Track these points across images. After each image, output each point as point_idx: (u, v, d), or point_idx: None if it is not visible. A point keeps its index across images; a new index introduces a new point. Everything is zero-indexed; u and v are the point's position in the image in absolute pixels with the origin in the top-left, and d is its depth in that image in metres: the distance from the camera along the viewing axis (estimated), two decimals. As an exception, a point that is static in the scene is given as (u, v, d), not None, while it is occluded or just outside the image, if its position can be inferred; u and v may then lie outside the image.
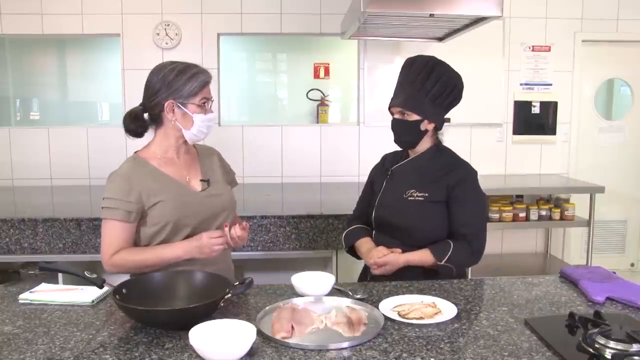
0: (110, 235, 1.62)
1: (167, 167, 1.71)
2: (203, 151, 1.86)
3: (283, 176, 3.96)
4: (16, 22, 3.76)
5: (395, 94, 1.86)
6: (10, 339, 1.26)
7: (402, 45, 3.89)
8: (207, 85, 1.68)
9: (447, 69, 1.84)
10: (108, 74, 4.22)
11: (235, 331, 1.21)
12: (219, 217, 1.74)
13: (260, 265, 2.99)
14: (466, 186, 1.84)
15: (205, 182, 1.75)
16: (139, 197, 1.63)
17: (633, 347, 1.11)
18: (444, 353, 1.18)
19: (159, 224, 1.64)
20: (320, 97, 4.24)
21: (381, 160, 2.07)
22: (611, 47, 4.10)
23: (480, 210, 1.89)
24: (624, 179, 4.17)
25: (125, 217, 1.61)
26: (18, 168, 3.86)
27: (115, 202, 1.61)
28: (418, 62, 1.84)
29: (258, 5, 3.83)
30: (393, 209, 1.89)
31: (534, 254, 4.11)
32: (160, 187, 1.66)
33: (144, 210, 1.64)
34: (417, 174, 1.88)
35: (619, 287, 1.55)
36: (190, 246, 1.63)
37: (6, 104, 4.42)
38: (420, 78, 1.80)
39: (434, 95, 1.81)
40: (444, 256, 1.76)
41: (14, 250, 2.66)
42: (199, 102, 1.66)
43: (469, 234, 1.80)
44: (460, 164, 1.90)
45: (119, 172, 1.68)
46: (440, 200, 1.83)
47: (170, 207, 1.65)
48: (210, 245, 1.62)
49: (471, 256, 1.81)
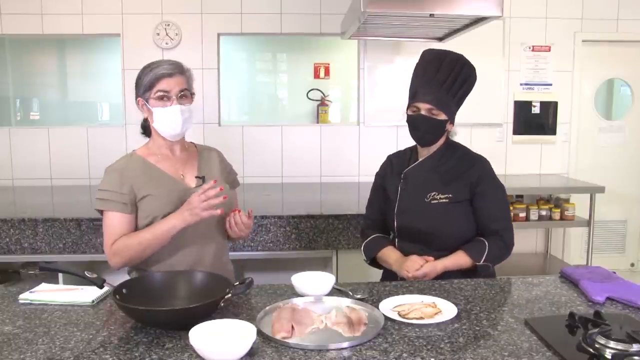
0: (110, 227, 1.66)
1: (162, 163, 1.74)
2: (203, 150, 1.87)
3: (283, 176, 3.95)
4: (16, 22, 3.76)
5: (424, 90, 1.81)
6: (10, 339, 1.26)
7: (402, 45, 3.89)
8: (163, 77, 1.66)
9: (472, 71, 1.83)
10: (108, 74, 4.22)
11: (235, 331, 1.21)
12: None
13: (260, 265, 2.99)
14: (488, 180, 1.83)
15: (200, 178, 1.75)
16: (131, 189, 1.66)
17: (633, 347, 1.11)
18: (444, 353, 1.18)
19: (148, 217, 1.65)
20: (320, 97, 4.24)
21: (387, 163, 2.01)
22: (611, 47, 4.10)
23: (504, 202, 1.87)
24: (624, 179, 4.17)
25: (122, 208, 1.64)
26: (18, 168, 3.86)
27: (110, 194, 1.65)
28: (448, 60, 1.81)
29: (258, 5, 3.83)
30: (415, 214, 1.84)
31: (534, 254, 4.11)
32: (151, 181, 1.68)
33: (135, 202, 1.66)
34: (435, 174, 1.84)
35: (619, 287, 1.55)
36: (182, 211, 1.62)
37: (6, 104, 4.41)
38: (450, 79, 1.79)
39: (459, 97, 1.82)
40: (482, 256, 1.76)
41: (14, 250, 2.66)
42: (155, 95, 1.66)
43: (500, 229, 1.80)
44: (477, 159, 1.88)
45: (113, 166, 1.73)
46: (464, 199, 1.81)
47: (159, 201, 1.66)
48: (200, 202, 1.58)
49: (506, 250, 1.82)
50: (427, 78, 1.82)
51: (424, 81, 1.82)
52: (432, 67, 1.82)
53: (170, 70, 1.67)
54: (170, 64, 1.69)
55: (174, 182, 1.72)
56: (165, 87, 1.67)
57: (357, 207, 3.00)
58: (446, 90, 1.79)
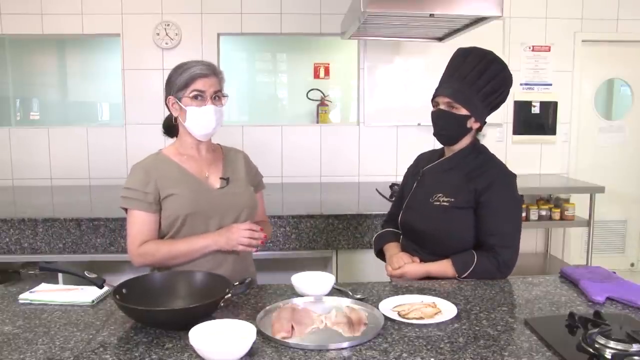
0: (135, 226, 1.66)
1: (188, 163, 1.74)
2: (229, 152, 1.88)
3: (283, 176, 3.96)
4: (16, 22, 3.76)
5: (443, 84, 1.75)
6: (10, 339, 1.26)
7: (402, 45, 3.89)
8: (198, 77, 1.67)
9: (503, 67, 1.74)
10: (108, 74, 4.23)
11: (235, 331, 1.21)
12: (235, 216, 1.73)
13: (260, 265, 2.99)
14: (497, 191, 1.70)
15: (225, 180, 1.76)
16: (155, 187, 1.66)
17: (633, 347, 1.11)
18: (444, 353, 1.18)
19: (171, 216, 1.66)
20: (320, 97, 4.24)
21: (415, 160, 1.99)
22: (611, 47, 4.10)
23: (512, 219, 1.73)
24: (624, 179, 4.17)
25: (147, 207, 1.65)
26: (18, 168, 3.86)
27: (135, 193, 1.65)
28: (473, 55, 1.73)
29: (258, 5, 3.83)
30: (418, 213, 1.81)
31: (534, 254, 4.11)
32: (176, 180, 1.69)
33: (159, 201, 1.67)
34: (450, 176, 1.77)
35: (619, 287, 1.54)
36: (220, 235, 1.65)
37: (6, 104, 4.42)
38: (474, 73, 1.70)
39: (485, 94, 1.71)
40: (466, 269, 1.66)
41: (14, 250, 2.66)
42: (190, 94, 1.67)
43: (497, 245, 1.67)
44: (493, 166, 1.77)
45: (140, 164, 1.73)
46: (467, 207, 1.71)
47: (182, 200, 1.66)
48: (239, 237, 1.63)
49: (497, 270, 1.68)
50: (449, 73, 1.77)
51: (446, 76, 1.77)
52: (456, 63, 1.76)
53: (205, 71, 1.68)
54: (205, 65, 1.69)
55: (198, 182, 1.72)
56: (200, 87, 1.67)
57: (357, 207, 3.01)
58: (469, 84, 1.70)
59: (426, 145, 1.91)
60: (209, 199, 1.70)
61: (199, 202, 1.68)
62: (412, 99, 3.88)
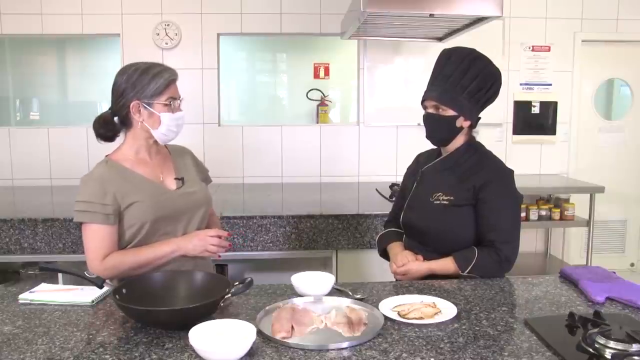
0: (95, 240, 1.61)
1: (140, 168, 1.71)
2: (175, 150, 1.86)
3: (283, 176, 3.95)
4: (16, 22, 3.76)
5: (430, 87, 1.77)
6: (10, 339, 1.26)
7: (402, 45, 3.89)
8: (172, 83, 1.67)
9: (487, 64, 1.74)
10: (108, 74, 4.19)
11: (235, 331, 1.21)
12: (196, 214, 1.75)
13: (260, 265, 2.99)
14: (495, 187, 1.72)
15: (180, 180, 1.76)
16: (114, 199, 1.62)
17: (633, 347, 1.11)
18: (444, 353, 1.18)
19: (135, 225, 1.64)
20: (320, 97, 4.24)
21: (414, 160, 2.01)
22: (611, 47, 4.10)
23: (511, 214, 1.75)
24: (624, 179, 4.17)
25: (105, 220, 1.60)
26: (18, 168, 3.86)
27: (92, 206, 1.60)
28: (456, 55, 1.74)
29: (258, 5, 3.83)
30: (419, 212, 1.83)
31: (534, 254, 4.11)
32: (134, 188, 1.65)
33: (120, 212, 1.63)
34: (446, 175, 1.80)
35: (619, 287, 1.55)
36: (186, 241, 1.66)
37: (6, 104, 4.41)
38: (457, 73, 1.71)
39: (471, 92, 1.72)
40: (468, 265, 1.69)
41: (14, 250, 2.66)
42: (165, 100, 1.65)
43: (497, 240, 1.70)
44: (490, 163, 1.80)
45: (91, 175, 1.67)
46: (466, 204, 1.73)
47: (145, 207, 1.64)
48: (206, 243, 1.66)
49: (498, 265, 1.70)
50: (434, 75, 1.78)
51: (432, 78, 1.79)
52: (441, 64, 1.77)
53: (175, 77, 1.68)
54: (172, 69, 1.68)
55: (156, 186, 1.70)
56: (174, 94, 1.68)
57: (357, 207, 3.01)
58: (453, 84, 1.71)
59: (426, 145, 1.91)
60: (170, 201, 1.68)
61: (162, 206, 1.66)
62: (412, 99, 3.85)
